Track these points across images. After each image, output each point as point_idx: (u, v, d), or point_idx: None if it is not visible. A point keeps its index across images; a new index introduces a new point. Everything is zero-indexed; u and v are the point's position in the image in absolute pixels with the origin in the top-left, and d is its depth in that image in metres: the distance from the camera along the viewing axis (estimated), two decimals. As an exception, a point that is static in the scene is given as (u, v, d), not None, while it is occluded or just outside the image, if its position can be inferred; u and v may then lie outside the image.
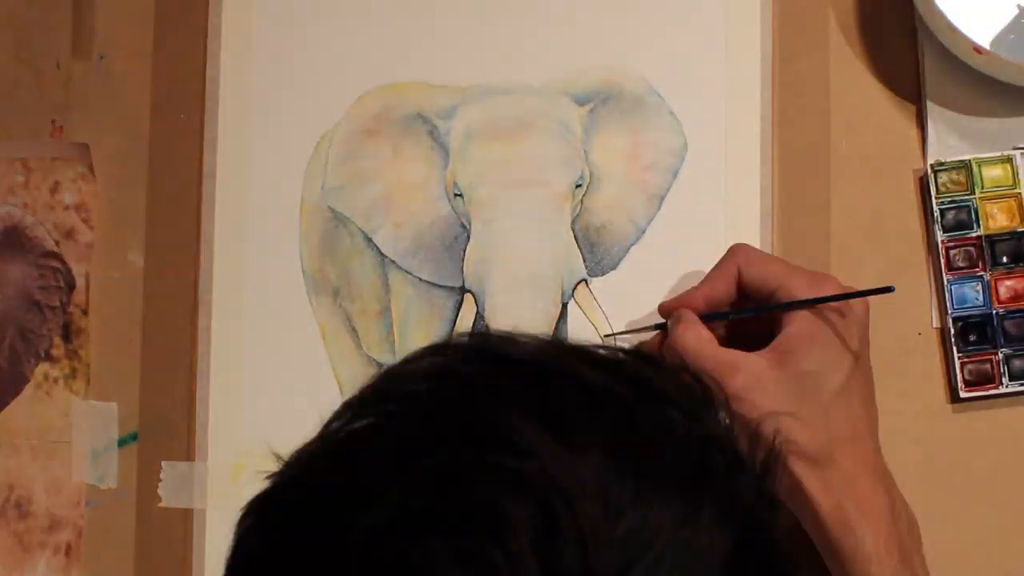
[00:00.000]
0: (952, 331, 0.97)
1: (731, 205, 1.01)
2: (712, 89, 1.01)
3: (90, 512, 1.03)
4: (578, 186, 1.02)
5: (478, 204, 1.01)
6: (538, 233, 1.01)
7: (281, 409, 1.03)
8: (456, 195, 1.02)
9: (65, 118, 1.06)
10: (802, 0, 1.02)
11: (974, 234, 0.98)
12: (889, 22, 1.01)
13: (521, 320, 1.01)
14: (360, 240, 1.03)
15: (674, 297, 0.93)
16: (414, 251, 1.03)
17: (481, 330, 0.62)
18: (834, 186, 1.00)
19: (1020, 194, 0.98)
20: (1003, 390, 0.97)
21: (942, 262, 0.98)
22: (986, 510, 0.97)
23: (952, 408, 0.98)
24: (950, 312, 0.98)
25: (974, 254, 0.98)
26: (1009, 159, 0.99)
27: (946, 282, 0.98)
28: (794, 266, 0.93)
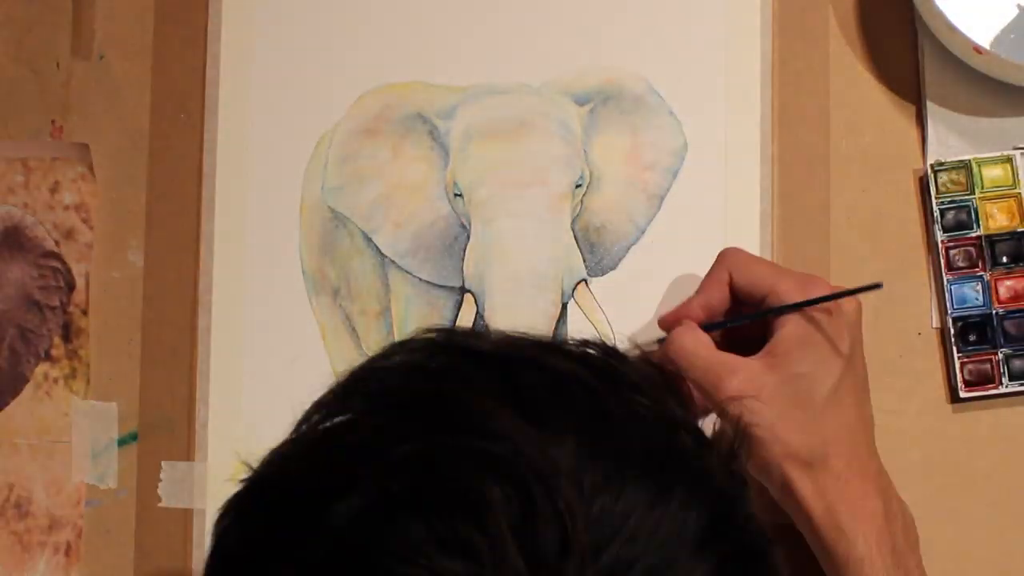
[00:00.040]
0: (952, 331, 0.97)
1: (731, 205, 1.00)
2: (712, 89, 1.01)
3: (90, 512, 1.03)
4: (578, 186, 1.02)
5: (478, 204, 1.01)
6: (538, 233, 1.01)
7: (281, 409, 1.02)
8: (456, 195, 1.02)
9: (65, 118, 1.06)
10: (802, 0, 1.02)
11: (974, 234, 0.98)
12: (889, 22, 1.01)
13: (521, 320, 1.01)
14: (360, 240, 1.03)
15: (672, 310, 0.93)
16: (414, 251, 1.03)
17: (442, 326, 0.64)
18: (834, 186, 1.00)
19: (1020, 194, 0.98)
20: (1003, 390, 0.97)
21: (942, 262, 0.98)
22: (986, 510, 0.97)
23: (952, 408, 0.98)
24: (950, 312, 0.98)
25: (974, 254, 0.98)
26: (1009, 159, 0.99)
27: (946, 282, 0.98)
28: (783, 269, 0.93)
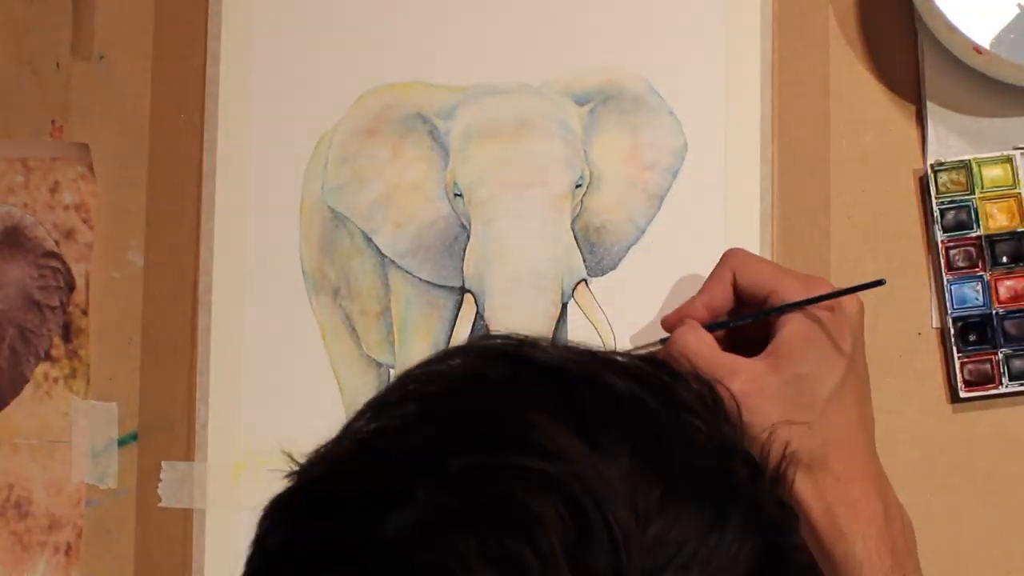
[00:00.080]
0: (952, 331, 0.97)
1: (731, 205, 1.00)
2: (712, 89, 1.01)
3: (90, 512, 1.03)
4: (578, 186, 1.02)
5: (478, 204, 1.01)
6: (538, 233, 1.01)
7: (281, 409, 1.03)
8: (456, 195, 1.02)
9: (65, 118, 1.06)
10: (802, 0, 1.01)
11: (974, 234, 0.98)
12: (889, 22, 1.01)
13: (521, 320, 1.01)
14: (360, 240, 1.03)
15: (675, 310, 0.93)
16: (414, 251, 1.03)
17: (504, 334, 0.62)
18: (834, 186, 1.00)
19: (1020, 194, 0.98)
20: (1003, 390, 0.97)
21: (942, 262, 0.98)
22: (986, 510, 0.97)
23: (952, 408, 0.98)
24: (950, 312, 0.98)
25: (974, 254, 0.98)
26: (1009, 159, 0.99)
27: (946, 282, 0.98)
28: (786, 270, 0.93)
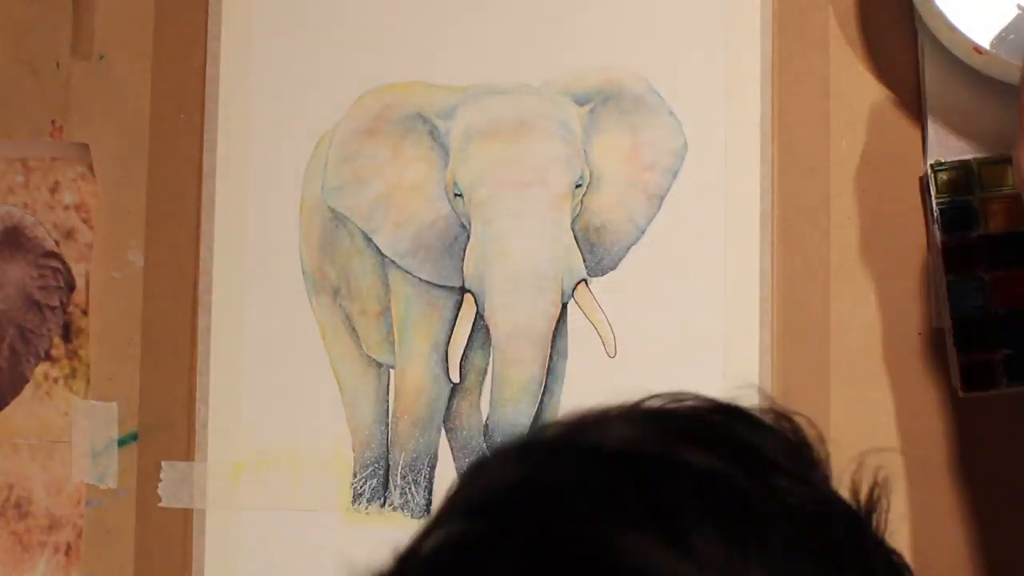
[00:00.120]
0: (952, 331, 0.97)
1: (731, 205, 1.00)
2: (712, 89, 1.01)
3: (90, 512, 1.03)
4: (578, 186, 1.02)
5: (478, 204, 1.01)
6: (538, 233, 1.01)
7: (281, 409, 1.03)
8: (456, 195, 1.02)
9: (65, 118, 1.06)
10: (802, 0, 1.01)
11: (974, 234, 0.98)
12: (889, 22, 1.01)
13: (521, 320, 1.01)
14: (360, 240, 1.03)
15: None
16: (414, 251, 1.03)
17: (573, 418, 0.57)
18: (834, 186, 1.00)
19: (1020, 194, 0.98)
20: (1003, 390, 0.97)
21: (942, 262, 0.98)
22: (986, 510, 0.97)
23: (952, 408, 0.98)
24: (950, 312, 0.97)
25: (974, 254, 0.98)
26: (1009, 159, 0.98)
27: (946, 282, 0.98)
28: None
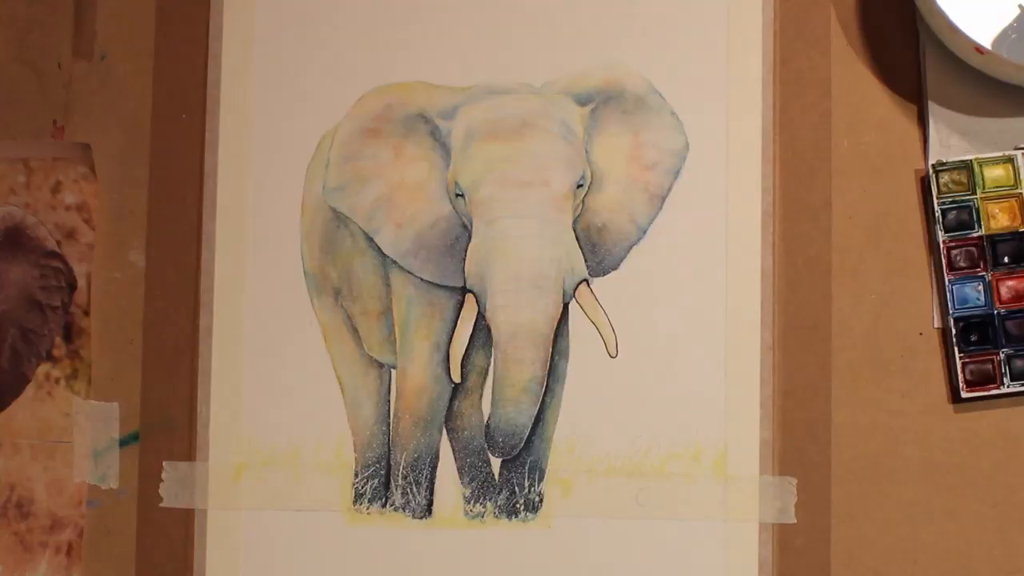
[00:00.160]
0: (953, 331, 0.97)
1: (732, 205, 1.00)
2: (713, 89, 1.01)
3: (91, 512, 1.03)
4: (579, 186, 1.02)
5: (480, 204, 1.01)
6: (540, 233, 1.01)
7: (282, 409, 1.03)
8: (458, 195, 1.02)
9: (66, 118, 1.06)
10: (803, 1, 1.02)
11: (975, 234, 0.98)
12: (890, 22, 1.01)
13: (522, 320, 1.01)
14: (361, 240, 1.03)
15: None
16: (415, 251, 1.03)
17: None
18: (835, 186, 1.00)
19: (1021, 194, 0.98)
20: (1004, 390, 0.97)
21: (943, 262, 0.98)
22: (987, 509, 0.97)
23: (953, 408, 0.98)
24: (951, 312, 0.98)
25: (975, 254, 0.98)
26: (1010, 159, 0.99)
27: (947, 282, 0.98)
28: None
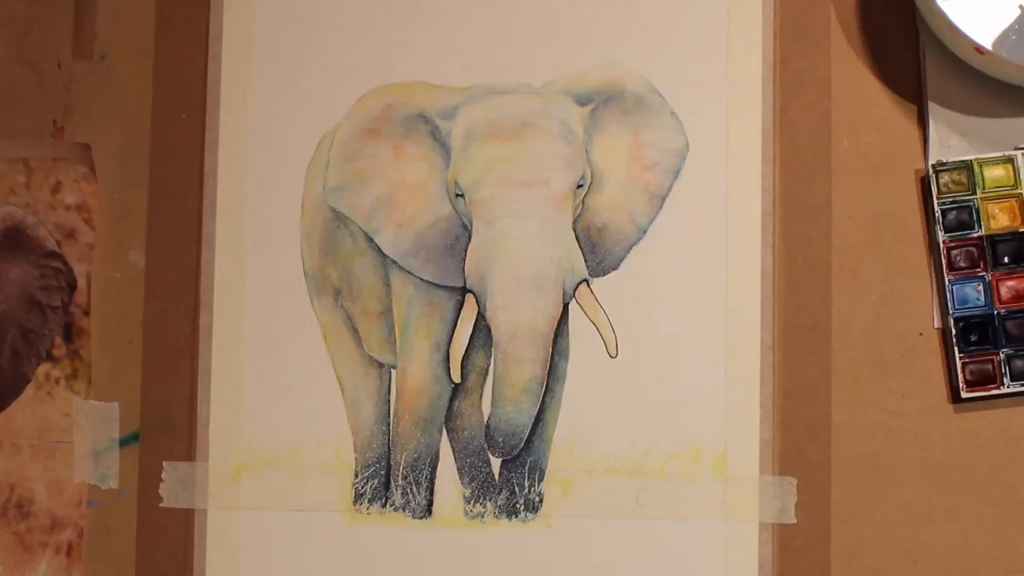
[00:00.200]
0: (953, 331, 0.97)
1: (732, 205, 1.00)
2: (713, 89, 1.01)
3: (91, 512, 1.03)
4: (580, 186, 1.02)
5: (480, 204, 1.01)
6: (540, 233, 1.01)
7: (282, 409, 1.03)
8: (458, 195, 1.02)
9: (66, 118, 1.06)
10: (803, 1, 1.02)
11: (975, 234, 0.98)
12: (890, 22, 1.01)
13: (522, 320, 1.01)
14: (361, 240, 1.03)
15: None
16: (415, 251, 1.03)
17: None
18: (835, 186, 1.00)
19: (1021, 194, 0.98)
20: (1004, 390, 0.97)
21: (943, 262, 0.98)
22: (987, 509, 0.97)
23: (953, 408, 0.98)
24: (951, 312, 0.98)
25: (975, 254, 0.98)
26: (1010, 159, 0.99)
27: (947, 282, 0.98)
28: None
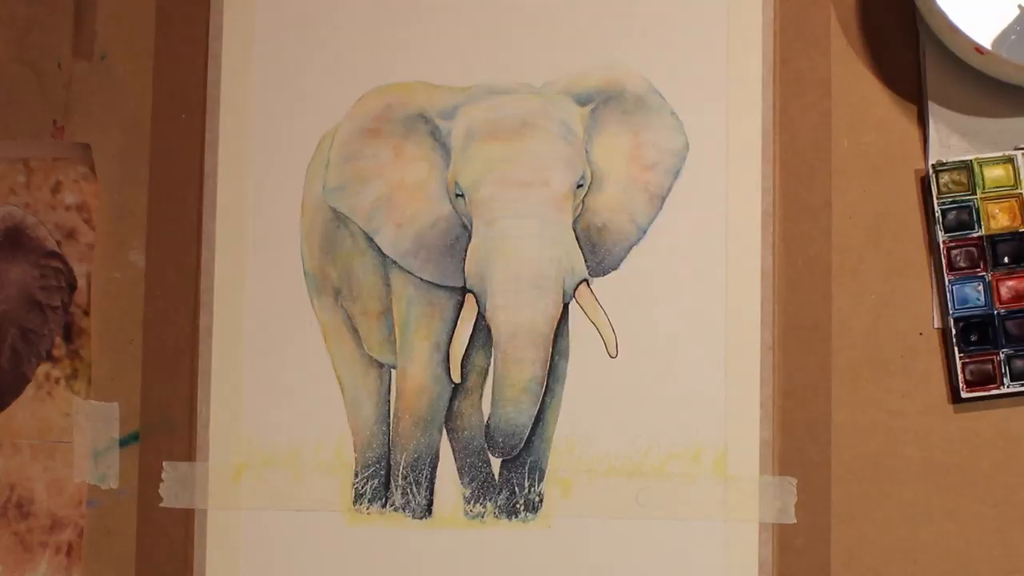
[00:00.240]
0: (953, 331, 0.97)
1: (732, 205, 1.00)
2: (713, 89, 1.01)
3: (91, 512, 1.03)
4: (579, 186, 1.02)
5: (480, 204, 1.01)
6: (540, 233, 1.01)
7: (282, 409, 1.03)
8: (458, 195, 1.02)
9: (66, 118, 1.06)
10: (803, 1, 1.02)
11: (975, 234, 0.98)
12: (890, 22, 1.01)
13: (522, 320, 1.01)
14: (361, 240, 1.03)
15: None
16: (415, 251, 1.03)
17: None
18: (835, 186, 1.00)
19: (1021, 194, 0.98)
20: (1004, 390, 0.97)
21: (943, 262, 0.98)
22: (987, 509, 0.97)
23: (953, 408, 0.98)
24: (951, 312, 0.98)
25: (975, 254, 0.98)
26: (1010, 159, 0.99)
27: (947, 282, 0.98)
28: None
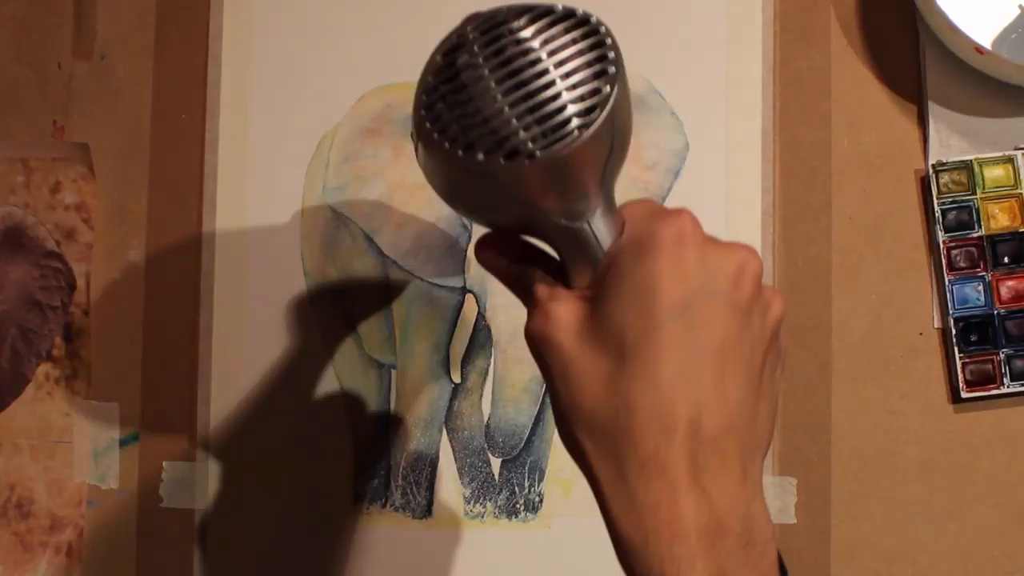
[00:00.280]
0: (953, 331, 0.97)
1: (732, 205, 1.00)
2: (713, 89, 1.01)
3: (91, 512, 1.03)
4: (579, 186, 1.01)
5: (479, 204, 1.01)
6: (539, 233, 1.01)
7: (281, 409, 1.03)
8: (457, 195, 1.02)
9: (66, 118, 1.06)
10: (803, 0, 1.01)
11: (975, 234, 0.98)
12: (890, 22, 1.01)
13: (522, 320, 1.01)
14: (361, 240, 1.03)
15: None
16: (415, 251, 1.03)
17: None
18: (835, 186, 1.00)
19: (1021, 194, 0.98)
20: (1004, 390, 0.97)
21: (943, 262, 0.98)
22: (987, 510, 0.97)
23: (953, 408, 0.98)
24: (951, 312, 0.98)
25: (975, 254, 0.98)
26: (1010, 159, 0.99)
27: (947, 282, 0.98)
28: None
